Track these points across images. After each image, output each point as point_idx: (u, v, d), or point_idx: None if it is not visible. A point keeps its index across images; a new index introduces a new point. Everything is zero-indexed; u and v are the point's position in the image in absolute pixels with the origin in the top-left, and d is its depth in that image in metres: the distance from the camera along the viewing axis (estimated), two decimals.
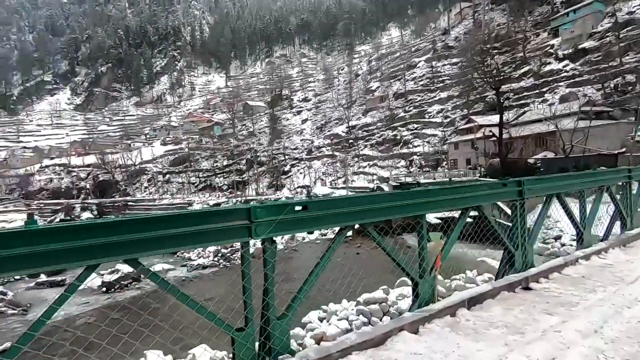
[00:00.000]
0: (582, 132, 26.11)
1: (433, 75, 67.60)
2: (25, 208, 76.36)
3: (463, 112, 53.61)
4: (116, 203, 72.67)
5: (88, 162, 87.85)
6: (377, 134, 64.28)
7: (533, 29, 60.67)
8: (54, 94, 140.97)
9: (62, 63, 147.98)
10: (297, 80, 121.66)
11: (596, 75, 41.35)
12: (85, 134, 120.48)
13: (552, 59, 50.97)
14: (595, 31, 48.33)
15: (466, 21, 77.77)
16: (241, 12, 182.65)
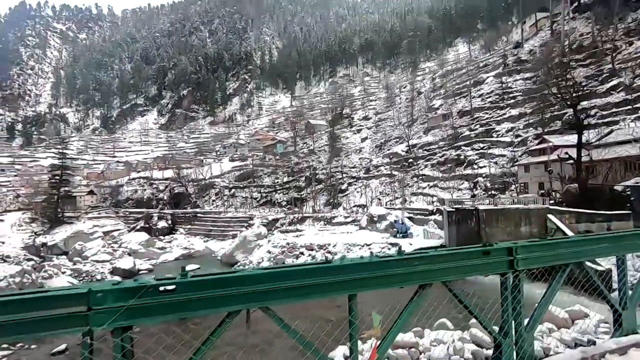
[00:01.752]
0: None
1: (503, 92, 63.12)
2: (114, 215, 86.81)
3: (537, 130, 48.88)
4: (187, 214, 78.99)
5: (167, 176, 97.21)
6: (438, 153, 61.39)
7: (625, 37, 53.77)
8: (144, 114, 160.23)
9: (152, 88, 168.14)
10: (359, 99, 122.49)
11: None
12: (167, 150, 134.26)
13: None
14: None
15: (542, 33, 71.87)
16: (307, 36, 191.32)
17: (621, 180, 27.13)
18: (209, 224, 72.11)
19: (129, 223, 79.27)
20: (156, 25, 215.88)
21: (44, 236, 68.50)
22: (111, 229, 76.74)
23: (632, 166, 25.94)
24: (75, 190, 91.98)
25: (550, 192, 30.49)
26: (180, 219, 77.64)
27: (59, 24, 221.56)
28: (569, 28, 63.58)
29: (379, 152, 76.00)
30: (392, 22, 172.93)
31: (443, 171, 56.66)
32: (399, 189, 58.30)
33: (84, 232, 63.03)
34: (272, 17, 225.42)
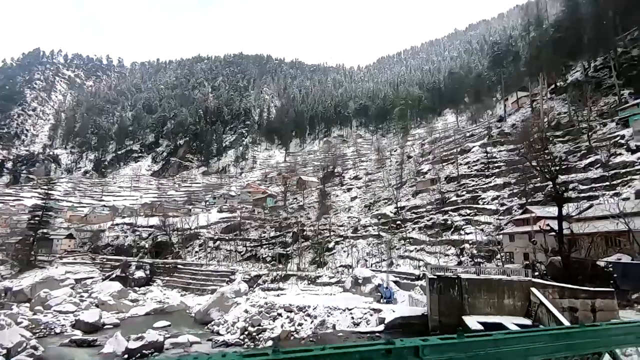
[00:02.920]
0: None
1: (488, 161, 65.59)
2: (90, 261, 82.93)
3: (521, 200, 49.93)
4: (167, 264, 75.84)
5: (152, 223, 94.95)
6: (426, 217, 61.68)
7: (599, 118, 57.63)
8: (138, 160, 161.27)
9: (149, 135, 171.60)
10: (351, 159, 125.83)
11: None
12: (156, 197, 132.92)
13: (623, 150, 46.92)
14: None
15: (523, 109, 76.93)
16: (305, 97, 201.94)
17: (603, 255, 27.18)
18: (188, 276, 69.01)
19: (105, 271, 75.50)
20: (162, 78, 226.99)
21: (11, 280, 64.48)
22: (84, 276, 72.79)
23: (612, 241, 26.18)
24: (53, 233, 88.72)
25: (535, 264, 30.22)
26: (160, 270, 74.33)
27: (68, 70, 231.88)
28: (547, 107, 68.31)
29: (368, 212, 76.16)
30: (386, 90, 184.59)
31: (430, 235, 56.43)
32: (386, 251, 57.46)
33: (54, 278, 59.60)
34: (273, 78, 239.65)
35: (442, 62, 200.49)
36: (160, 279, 70.88)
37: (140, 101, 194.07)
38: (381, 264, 55.18)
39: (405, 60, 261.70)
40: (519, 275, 21.93)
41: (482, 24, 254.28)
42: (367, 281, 42.98)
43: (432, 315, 20.99)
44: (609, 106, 57.33)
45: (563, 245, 27.29)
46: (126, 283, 64.51)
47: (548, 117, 64.56)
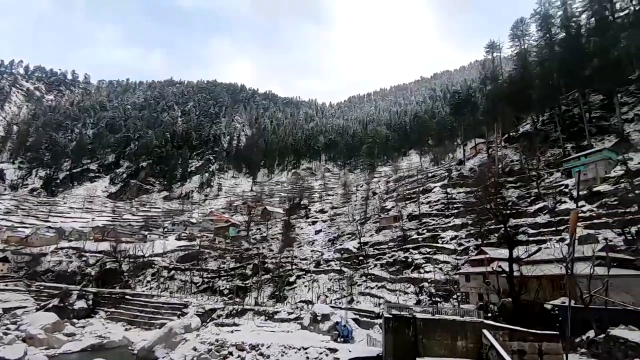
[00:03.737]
0: (601, 280, 23.77)
1: (448, 201, 68.28)
2: (24, 288, 74.95)
3: (477, 241, 51.86)
4: (114, 294, 70.08)
5: (101, 248, 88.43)
6: (388, 253, 62.22)
7: (547, 167, 62.37)
8: (94, 181, 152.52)
9: (110, 155, 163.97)
10: (318, 192, 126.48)
11: (615, 220, 40.07)
12: (110, 220, 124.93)
13: (567, 198, 50.68)
14: (609, 176, 48.82)
15: (481, 155, 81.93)
16: (276, 129, 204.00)
17: (550, 298, 28.37)
18: (136, 308, 63.92)
19: (41, 300, 68.47)
20: (130, 98, 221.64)
21: None
22: (16, 305, 65.57)
23: (557, 285, 27.54)
24: None
25: (488, 305, 30.92)
26: (105, 300, 68.41)
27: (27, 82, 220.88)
28: (501, 154, 73.30)
29: (331, 246, 75.71)
30: (355, 127, 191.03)
31: (391, 272, 56.65)
32: (347, 287, 56.76)
33: None
34: (246, 107, 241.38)
35: (408, 106, 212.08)
36: (104, 311, 65.07)
37: (103, 120, 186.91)
38: (342, 301, 54.18)
39: (374, 101, 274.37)
40: (471, 317, 22.25)
41: (445, 74, 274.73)
42: (326, 318, 41.84)
43: (386, 357, 20.54)
44: (555, 157, 62.41)
45: (514, 287, 28.28)
46: (64, 314, 58.61)
47: (502, 164, 69.04)
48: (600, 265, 25.90)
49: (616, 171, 48.81)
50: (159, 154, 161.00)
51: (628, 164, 47.20)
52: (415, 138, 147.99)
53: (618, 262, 28.30)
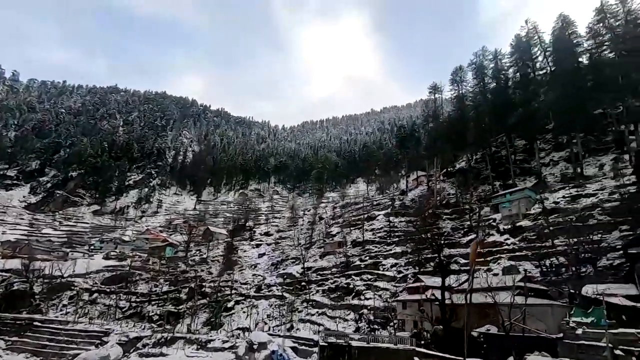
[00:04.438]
0: (520, 309, 25.83)
1: (390, 229, 70.73)
2: None
3: (415, 269, 53.93)
4: (19, 320, 60.94)
5: (9, 267, 77.32)
6: (331, 279, 62.18)
7: (478, 202, 67.78)
8: (11, 189, 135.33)
9: (34, 162, 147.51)
10: (265, 214, 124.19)
11: (533, 253, 44.29)
12: (25, 235, 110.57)
13: (494, 232, 55.19)
14: (529, 213, 54.26)
15: (422, 187, 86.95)
16: (227, 147, 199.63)
17: (477, 325, 30.03)
18: (46, 336, 55.98)
19: None
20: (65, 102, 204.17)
21: None
22: None
23: (483, 313, 29.36)
24: None
25: (422, 332, 31.89)
26: (7, 327, 59.10)
27: None
28: (440, 187, 78.48)
29: (274, 270, 73.99)
30: (306, 152, 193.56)
31: (333, 299, 56.47)
32: (288, 314, 55.32)
33: None
34: (196, 123, 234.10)
35: (358, 135, 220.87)
36: (4, 340, 56.08)
37: (30, 122, 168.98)
38: (281, 328, 52.49)
39: (327, 128, 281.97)
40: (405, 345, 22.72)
41: (393, 109, 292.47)
42: (263, 347, 40.02)
43: None
44: (485, 193, 68.19)
45: (445, 314, 29.57)
46: None
47: (440, 197, 73.78)
48: (520, 294, 28.17)
49: (535, 209, 54.44)
50: (93, 164, 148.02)
51: (544, 202, 53.02)
52: (363, 167, 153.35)
53: (535, 292, 31.02)
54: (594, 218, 44.87)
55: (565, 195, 53.45)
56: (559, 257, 41.01)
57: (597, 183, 52.92)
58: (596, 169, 57.93)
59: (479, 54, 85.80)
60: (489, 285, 27.63)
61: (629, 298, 27.16)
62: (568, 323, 23.10)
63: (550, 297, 31.84)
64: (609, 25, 69.80)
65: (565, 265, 39.13)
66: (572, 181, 57.23)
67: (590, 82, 64.01)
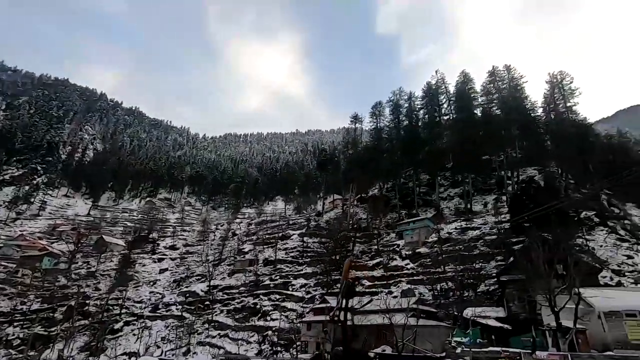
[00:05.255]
0: (412, 329, 27.83)
1: (303, 249, 71.21)
2: None
3: (324, 290, 54.75)
4: None
5: None
6: (237, 299, 59.49)
7: (386, 228, 72.64)
8: None
9: None
10: (173, 227, 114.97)
11: (427, 277, 48.65)
12: None
13: (397, 257, 59.45)
14: (427, 241, 59.87)
15: (337, 210, 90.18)
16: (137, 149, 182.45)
17: (375, 346, 31.36)
18: None
19: None
20: None
21: None
22: None
23: (381, 334, 30.92)
24: None
25: (323, 354, 32.10)
26: None
27: None
28: (353, 211, 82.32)
29: (176, 287, 68.18)
30: (226, 165, 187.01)
31: (238, 319, 53.92)
32: (186, 336, 50.98)
33: None
34: (102, 119, 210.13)
35: (282, 154, 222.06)
36: None
37: None
38: (176, 352, 48.03)
39: (250, 142, 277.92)
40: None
41: (318, 132, 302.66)
42: None
43: None
44: (393, 220, 73.54)
45: (346, 335, 30.32)
46: None
47: (353, 220, 77.24)
48: (414, 316, 30.41)
49: (432, 237, 60.34)
50: None
51: (440, 232, 59.20)
52: (283, 185, 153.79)
53: (426, 314, 33.83)
54: (478, 248, 51.47)
55: (457, 227, 60.45)
56: (448, 282, 45.71)
57: (482, 218, 61.13)
58: (482, 206, 67.01)
59: (397, 93, 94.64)
60: (387, 306, 29.32)
61: (499, 320, 31.32)
62: (450, 342, 25.56)
63: (439, 319, 35.00)
64: (497, 87, 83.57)
65: (452, 290, 43.70)
66: (463, 215, 65.14)
67: (481, 132, 74.95)
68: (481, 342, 25.61)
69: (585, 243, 44.82)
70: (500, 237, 49.62)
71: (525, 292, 30.46)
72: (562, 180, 63.73)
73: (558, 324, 24.23)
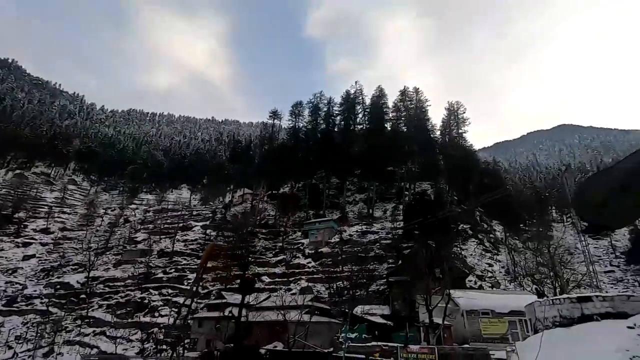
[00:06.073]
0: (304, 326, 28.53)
1: (205, 242, 67.65)
2: None
3: (222, 285, 52.81)
4: None
5: None
6: (122, 292, 53.60)
7: (292, 227, 73.50)
8: None
9: None
10: (48, 207, 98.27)
11: (326, 276, 50.68)
12: None
13: (300, 255, 60.68)
14: (330, 241, 62.42)
15: (246, 204, 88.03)
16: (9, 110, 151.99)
17: (267, 342, 31.28)
18: None
19: None
20: None
21: None
22: None
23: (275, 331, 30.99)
24: None
25: (213, 351, 30.83)
26: None
27: None
28: (262, 207, 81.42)
29: (44, 278, 58.35)
30: (126, 143, 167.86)
31: (119, 315, 48.52)
32: (50, 334, 43.87)
33: None
34: None
35: (193, 140, 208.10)
36: None
37: None
38: (34, 353, 40.99)
39: (158, 123, 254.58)
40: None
41: (235, 123, 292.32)
42: None
43: None
44: (300, 219, 74.84)
45: (239, 332, 29.61)
46: None
47: (260, 216, 76.38)
48: (308, 313, 31.23)
49: (335, 238, 63.16)
50: None
51: (342, 234, 62.34)
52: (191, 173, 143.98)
53: (320, 311, 35.10)
54: (374, 251, 55.61)
55: (358, 230, 64.39)
56: (344, 281, 48.28)
57: (381, 223, 66.26)
58: (382, 212, 72.61)
59: (318, 97, 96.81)
60: (282, 303, 29.55)
61: (383, 317, 34.20)
62: (338, 338, 26.88)
63: (332, 316, 36.64)
64: (406, 106, 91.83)
65: (347, 288, 46.27)
66: (365, 219, 69.66)
67: (389, 145, 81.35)
68: (366, 338, 27.54)
69: (460, 251, 51.97)
70: (394, 242, 54.37)
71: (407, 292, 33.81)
72: (448, 196, 72.91)
73: (430, 320, 27.43)
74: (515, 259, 58.03)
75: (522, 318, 26.57)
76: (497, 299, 32.48)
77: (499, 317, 29.34)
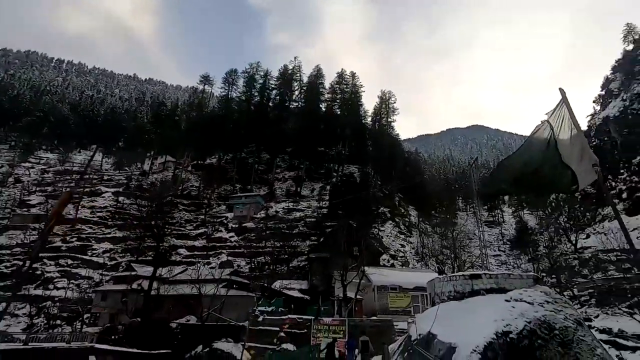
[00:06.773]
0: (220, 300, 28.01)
1: (116, 210, 61.90)
2: None
3: (134, 257, 49.05)
4: None
5: None
6: (7, 262, 46.64)
7: (217, 199, 70.83)
8: None
9: None
10: None
11: (249, 251, 50.24)
12: None
13: (223, 229, 59.02)
14: (256, 217, 61.70)
15: (167, 172, 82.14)
16: None
17: (179, 316, 30.08)
18: None
19: None
20: None
21: None
22: None
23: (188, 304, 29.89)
24: None
25: (117, 326, 28.66)
26: None
27: None
28: (185, 177, 76.74)
29: None
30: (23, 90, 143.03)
31: (2, 288, 42.23)
32: None
33: None
34: None
35: (110, 97, 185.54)
36: None
37: None
38: None
39: (66, 72, 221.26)
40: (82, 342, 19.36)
41: (161, 84, 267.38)
42: None
43: None
44: (226, 192, 72.39)
45: (149, 306, 27.92)
46: None
47: (183, 186, 72.07)
48: (225, 287, 30.67)
49: (261, 214, 62.60)
50: None
51: (269, 210, 62.02)
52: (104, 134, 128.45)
53: (239, 285, 34.72)
54: (298, 228, 56.47)
55: (285, 207, 64.59)
56: (266, 256, 48.42)
57: (307, 202, 67.26)
58: (310, 192, 73.67)
59: (254, 67, 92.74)
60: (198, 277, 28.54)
61: (301, 291, 35.17)
62: (254, 312, 26.96)
63: (250, 290, 36.52)
64: (342, 89, 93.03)
65: (268, 264, 46.53)
66: (292, 197, 70.06)
67: (322, 126, 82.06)
68: (282, 311, 28.07)
69: (378, 232, 55.43)
70: (318, 220, 55.79)
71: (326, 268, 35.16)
72: (373, 180, 76.73)
73: (344, 295, 28.95)
74: (424, 241, 64.21)
75: (424, 293, 29.48)
76: (405, 276, 35.55)
77: (404, 292, 32.19)
